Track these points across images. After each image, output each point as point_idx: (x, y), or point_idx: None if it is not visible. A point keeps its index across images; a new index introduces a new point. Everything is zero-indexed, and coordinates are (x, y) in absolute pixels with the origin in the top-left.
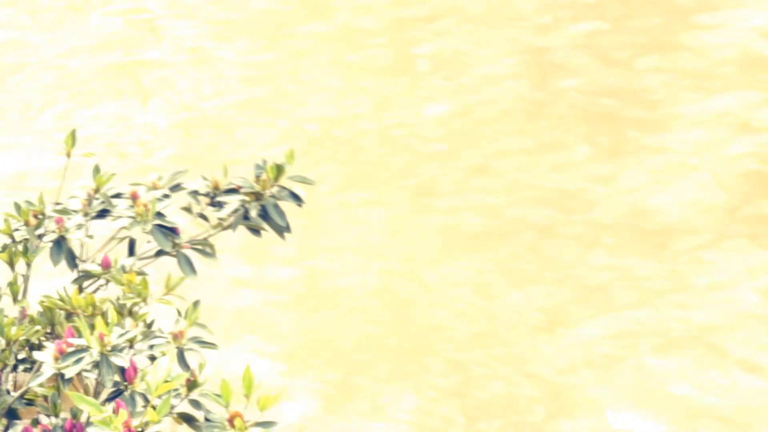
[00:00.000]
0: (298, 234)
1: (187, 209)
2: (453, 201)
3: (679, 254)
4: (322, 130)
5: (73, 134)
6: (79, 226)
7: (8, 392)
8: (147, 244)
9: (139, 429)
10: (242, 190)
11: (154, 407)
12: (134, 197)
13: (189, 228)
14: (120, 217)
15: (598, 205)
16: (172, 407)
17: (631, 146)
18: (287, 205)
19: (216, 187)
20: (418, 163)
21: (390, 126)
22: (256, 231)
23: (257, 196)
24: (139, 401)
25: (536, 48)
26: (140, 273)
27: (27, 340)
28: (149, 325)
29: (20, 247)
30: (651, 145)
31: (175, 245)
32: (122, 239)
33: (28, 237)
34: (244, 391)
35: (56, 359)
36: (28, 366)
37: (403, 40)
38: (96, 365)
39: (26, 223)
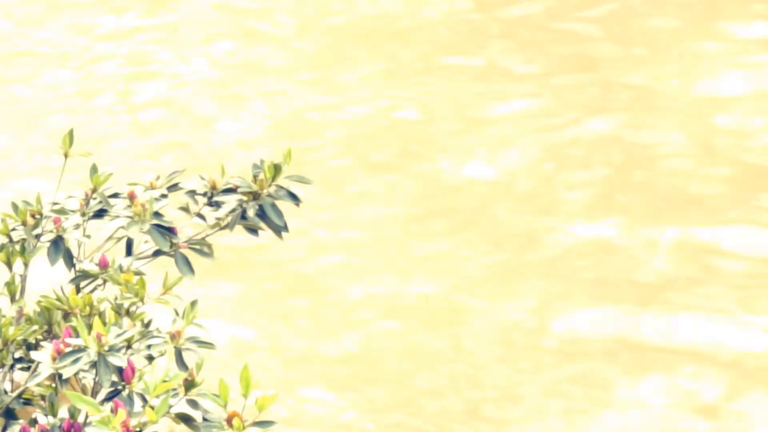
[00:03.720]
0: None
1: (185, 209)
2: None
3: None
4: None
5: (70, 134)
6: (77, 226)
7: (5, 392)
8: (145, 244)
9: (137, 429)
10: (240, 190)
11: (152, 407)
12: (132, 197)
13: (187, 228)
14: (118, 216)
15: None
16: (170, 407)
17: None
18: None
19: (213, 187)
20: None
21: None
22: (253, 231)
23: (255, 195)
24: (137, 401)
25: None
26: (138, 273)
27: (24, 340)
28: (147, 325)
29: (18, 247)
30: None
31: (172, 245)
32: (120, 239)
33: (25, 237)
34: (242, 390)
35: (54, 359)
36: (26, 366)
37: None
38: (93, 365)
39: (24, 223)
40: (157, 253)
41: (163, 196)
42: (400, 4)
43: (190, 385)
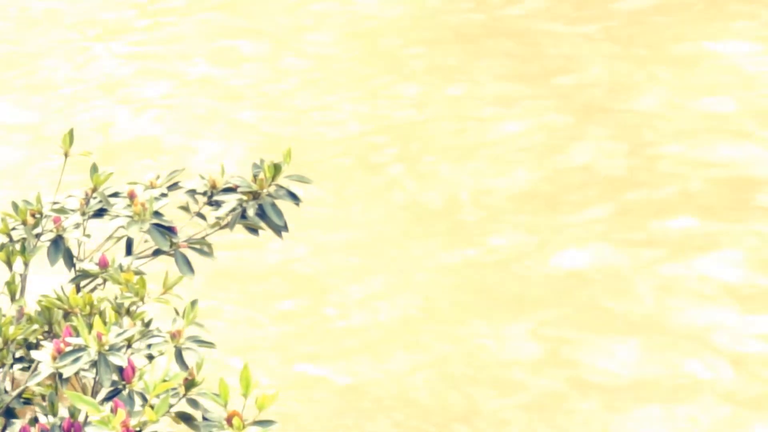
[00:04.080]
0: None
1: (185, 208)
2: None
3: None
4: None
5: (70, 134)
6: (77, 226)
7: (6, 391)
8: (145, 243)
9: (137, 428)
10: (240, 189)
11: (152, 406)
12: (132, 196)
13: (187, 227)
14: (117, 216)
15: None
16: (170, 406)
17: None
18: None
19: (213, 186)
20: None
21: None
22: (253, 230)
23: (255, 195)
24: (137, 400)
25: None
26: (138, 272)
27: (25, 339)
28: (147, 324)
29: (18, 247)
30: None
31: (172, 244)
32: (120, 238)
33: (25, 236)
34: (242, 390)
35: (54, 358)
36: (26, 365)
37: None
38: (94, 364)
39: (24, 223)
40: (157, 253)
41: (163, 195)
42: (400, 4)
43: (190, 384)
